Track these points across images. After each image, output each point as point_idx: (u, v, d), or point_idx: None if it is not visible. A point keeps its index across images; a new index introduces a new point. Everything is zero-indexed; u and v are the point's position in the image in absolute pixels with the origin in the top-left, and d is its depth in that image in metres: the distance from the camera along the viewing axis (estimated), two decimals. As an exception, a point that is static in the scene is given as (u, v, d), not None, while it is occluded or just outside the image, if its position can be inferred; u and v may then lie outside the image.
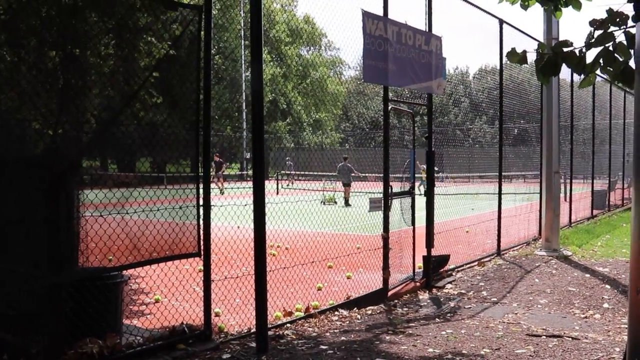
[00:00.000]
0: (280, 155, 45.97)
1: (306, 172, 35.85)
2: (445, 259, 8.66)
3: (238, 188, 24.49)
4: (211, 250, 5.12)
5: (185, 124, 4.84)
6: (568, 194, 15.35)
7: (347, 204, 21.40)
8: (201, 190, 4.95)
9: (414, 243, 8.08)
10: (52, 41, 4.55)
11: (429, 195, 8.08)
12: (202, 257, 5.00)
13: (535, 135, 13.06)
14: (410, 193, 8.05)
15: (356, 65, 47.46)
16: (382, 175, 7.35)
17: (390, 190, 7.35)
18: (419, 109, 9.00)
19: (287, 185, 32.02)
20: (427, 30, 8.01)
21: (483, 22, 10.18)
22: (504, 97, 11.09)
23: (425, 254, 8.12)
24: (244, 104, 49.34)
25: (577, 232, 13.16)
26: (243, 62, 49.05)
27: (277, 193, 29.49)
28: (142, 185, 4.83)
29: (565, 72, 13.82)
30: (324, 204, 21.72)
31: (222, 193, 25.28)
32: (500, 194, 10.75)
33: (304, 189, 27.77)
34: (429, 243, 8.08)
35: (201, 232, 4.96)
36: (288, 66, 53.25)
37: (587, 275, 8.59)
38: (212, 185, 5.57)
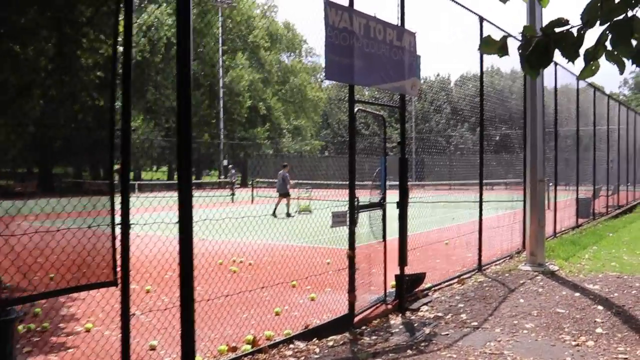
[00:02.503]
0: (258, 162, 45.24)
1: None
2: (420, 277, 7.79)
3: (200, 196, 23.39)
4: (145, 273, 4.22)
5: (94, 123, 3.92)
6: (552, 202, 14.62)
7: (287, 214, 20.21)
8: (118, 205, 4.02)
9: (385, 259, 7.20)
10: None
11: (402, 207, 7.21)
12: (119, 286, 4.06)
13: (518, 141, 12.33)
14: (381, 205, 7.20)
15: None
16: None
17: (357, 202, 6.50)
18: (395, 113, 8.14)
19: (230, 194, 30.55)
20: (399, 24, 7.19)
21: (462, 21, 9.41)
22: (485, 103, 10.32)
23: (398, 272, 7.27)
24: (222, 111, 48.48)
25: (562, 243, 12.39)
26: (221, 67, 48.21)
27: (252, 202, 28.61)
28: (41, 195, 3.89)
29: (548, 76, 13.11)
30: (299, 213, 20.90)
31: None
32: (481, 202, 9.91)
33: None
34: (402, 260, 7.21)
35: (117, 255, 4.03)
36: (268, 72, 52.56)
37: (577, 294, 7.80)
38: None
